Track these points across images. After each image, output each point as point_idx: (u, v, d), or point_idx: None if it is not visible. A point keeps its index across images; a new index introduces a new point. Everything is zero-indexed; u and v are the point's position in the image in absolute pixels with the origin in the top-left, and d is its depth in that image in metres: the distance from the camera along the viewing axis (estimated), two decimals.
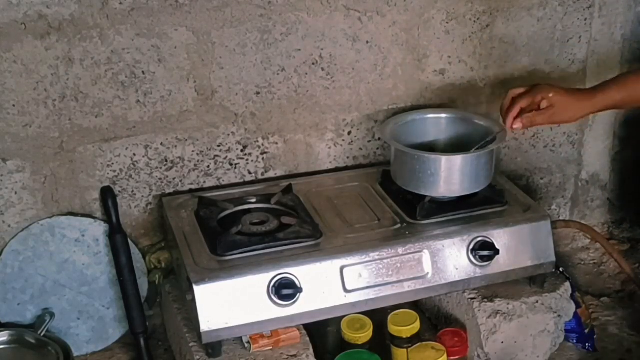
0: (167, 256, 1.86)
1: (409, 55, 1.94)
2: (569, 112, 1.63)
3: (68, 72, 1.69)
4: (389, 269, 1.62)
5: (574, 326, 1.89)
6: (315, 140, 1.94)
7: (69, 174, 1.77)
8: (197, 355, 1.58)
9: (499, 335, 1.70)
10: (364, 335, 1.67)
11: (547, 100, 1.62)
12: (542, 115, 1.63)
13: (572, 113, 1.63)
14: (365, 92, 1.93)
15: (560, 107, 1.62)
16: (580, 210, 2.32)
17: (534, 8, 1.99)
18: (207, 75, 1.79)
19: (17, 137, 1.71)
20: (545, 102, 1.62)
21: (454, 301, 1.79)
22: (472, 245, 1.67)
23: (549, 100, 1.62)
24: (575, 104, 1.62)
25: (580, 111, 1.64)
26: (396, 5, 1.87)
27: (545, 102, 1.62)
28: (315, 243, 1.63)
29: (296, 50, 1.83)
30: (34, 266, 1.78)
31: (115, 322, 1.86)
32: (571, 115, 1.64)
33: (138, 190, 1.84)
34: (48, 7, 1.62)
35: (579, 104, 1.62)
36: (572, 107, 1.63)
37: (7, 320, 1.79)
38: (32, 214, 1.77)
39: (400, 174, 1.75)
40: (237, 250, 1.59)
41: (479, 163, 1.70)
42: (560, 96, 1.62)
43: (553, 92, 1.62)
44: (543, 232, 1.73)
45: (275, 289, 1.54)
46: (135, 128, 1.78)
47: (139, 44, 1.71)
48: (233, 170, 1.90)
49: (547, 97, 1.62)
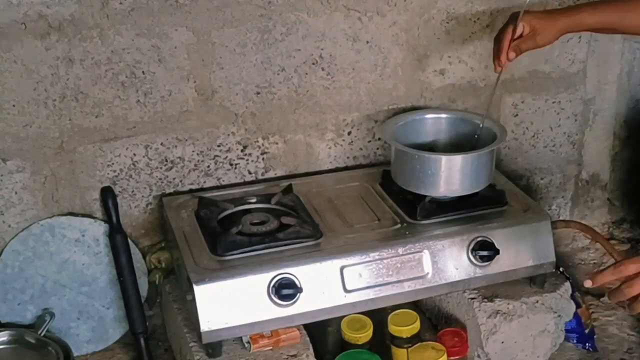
0: (167, 256, 1.86)
1: (409, 55, 1.94)
2: (549, 34, 1.67)
3: (68, 72, 1.69)
4: (389, 269, 1.62)
5: (574, 326, 1.89)
6: (315, 140, 1.94)
7: (69, 174, 1.77)
8: (197, 355, 1.58)
9: (499, 335, 1.70)
10: (364, 335, 1.67)
11: (529, 26, 1.66)
12: (527, 41, 1.67)
13: (551, 34, 1.67)
14: (365, 92, 1.94)
15: (542, 31, 1.66)
16: (580, 210, 2.32)
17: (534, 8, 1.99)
18: (207, 75, 1.79)
19: (17, 137, 1.71)
20: (527, 28, 1.67)
21: (454, 301, 1.79)
22: (472, 245, 1.67)
23: (530, 25, 1.66)
24: (553, 25, 1.66)
25: (557, 31, 1.67)
26: (396, 5, 1.87)
27: (527, 28, 1.67)
28: (315, 243, 1.63)
29: (296, 50, 1.83)
30: (34, 266, 1.78)
31: (115, 322, 1.86)
32: (551, 35, 1.68)
33: (138, 190, 1.84)
34: (48, 7, 1.62)
35: (557, 24, 1.66)
36: (551, 29, 1.67)
37: (7, 320, 1.79)
38: (32, 214, 1.77)
39: (400, 173, 1.75)
40: (237, 250, 1.59)
41: (479, 163, 1.70)
42: (539, 21, 1.67)
43: (532, 18, 1.67)
44: (543, 232, 1.73)
45: (275, 289, 1.54)
46: (135, 128, 1.78)
47: (139, 44, 1.71)
48: (233, 170, 1.90)
49: (529, 23, 1.66)
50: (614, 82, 2.18)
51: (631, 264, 1.32)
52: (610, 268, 1.34)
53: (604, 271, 1.34)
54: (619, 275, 1.33)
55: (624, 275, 1.33)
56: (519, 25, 1.65)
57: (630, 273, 1.32)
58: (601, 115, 2.21)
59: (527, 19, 1.66)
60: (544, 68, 2.08)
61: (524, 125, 2.13)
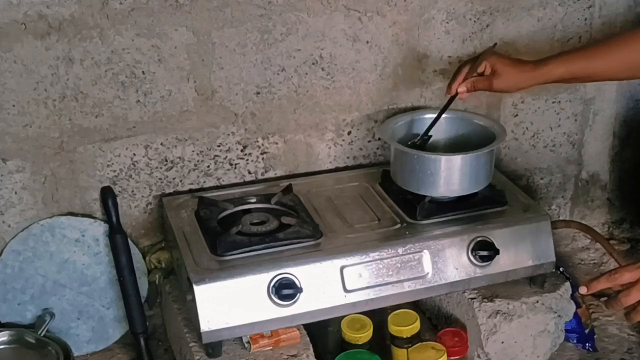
0: (167, 256, 1.86)
1: (409, 55, 1.94)
2: (510, 81, 1.67)
3: (68, 72, 1.69)
4: (389, 269, 1.62)
5: (574, 326, 1.89)
6: (315, 140, 1.94)
7: (69, 174, 1.77)
8: (197, 355, 1.58)
9: (499, 335, 1.70)
10: (364, 335, 1.67)
11: (491, 67, 1.67)
12: (484, 81, 1.68)
13: (512, 82, 1.68)
14: (365, 92, 1.94)
15: (502, 75, 1.67)
16: (580, 210, 2.32)
17: (534, 8, 1.99)
18: (207, 75, 1.79)
19: (17, 137, 1.71)
20: (488, 69, 1.68)
21: (454, 301, 1.79)
22: (472, 245, 1.67)
23: (493, 67, 1.67)
24: (517, 75, 1.67)
25: (520, 82, 1.68)
26: (396, 5, 1.87)
27: (488, 68, 1.68)
28: (315, 243, 1.63)
29: (296, 50, 1.83)
30: (34, 266, 1.78)
31: (115, 322, 1.86)
32: (511, 84, 1.68)
33: (138, 190, 1.84)
34: (48, 7, 1.62)
35: (521, 74, 1.66)
36: (513, 77, 1.67)
37: (7, 320, 1.79)
38: (32, 214, 1.77)
39: (399, 174, 1.75)
40: (237, 250, 1.59)
41: (479, 163, 1.70)
42: (503, 65, 1.67)
43: (496, 60, 1.68)
44: (543, 232, 1.73)
45: (275, 289, 1.54)
46: (135, 128, 1.78)
47: (139, 44, 1.71)
48: (233, 170, 1.90)
49: (492, 64, 1.67)
50: (614, 82, 2.18)
51: (626, 272, 1.33)
52: (605, 275, 1.34)
53: (599, 278, 1.35)
54: (613, 283, 1.34)
55: (619, 283, 1.33)
56: (481, 64, 1.67)
57: (625, 281, 1.32)
58: (601, 115, 2.21)
59: (492, 60, 1.68)
60: None
61: (524, 125, 2.13)
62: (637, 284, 1.31)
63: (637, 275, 1.31)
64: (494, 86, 1.68)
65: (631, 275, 1.32)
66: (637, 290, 1.30)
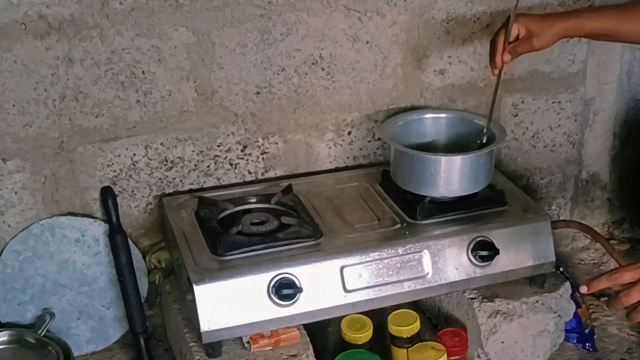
0: (167, 256, 1.86)
1: (409, 55, 1.94)
2: (546, 37, 1.66)
3: (68, 72, 1.69)
4: (389, 269, 1.62)
5: (574, 326, 1.89)
6: (315, 140, 1.94)
7: (69, 174, 1.77)
8: (197, 355, 1.58)
9: (499, 335, 1.70)
10: (364, 335, 1.67)
11: (525, 29, 1.66)
12: (523, 44, 1.66)
13: (549, 38, 1.67)
14: (365, 92, 1.94)
15: (538, 34, 1.65)
16: (580, 210, 2.32)
17: (534, 8, 1.99)
18: (207, 75, 1.79)
19: (17, 137, 1.71)
20: (523, 31, 1.66)
21: (454, 301, 1.79)
22: (472, 245, 1.67)
23: (527, 28, 1.66)
24: (551, 29, 1.66)
25: (555, 35, 1.67)
26: (396, 5, 1.87)
27: (523, 30, 1.66)
28: (315, 243, 1.63)
29: (296, 50, 1.83)
30: (34, 266, 1.78)
31: (115, 322, 1.86)
32: (548, 39, 1.67)
33: (138, 190, 1.84)
34: (48, 7, 1.62)
35: (554, 27, 1.66)
36: (548, 33, 1.66)
37: (7, 320, 1.79)
38: (32, 214, 1.77)
39: (399, 174, 1.75)
40: (237, 250, 1.59)
41: (479, 163, 1.70)
42: (536, 23, 1.66)
43: (527, 20, 1.66)
44: (543, 232, 1.73)
45: (275, 289, 1.54)
46: (135, 128, 1.78)
47: (139, 44, 1.71)
48: (233, 170, 1.90)
49: (525, 25, 1.66)
50: (614, 82, 2.18)
51: (627, 272, 1.33)
52: (605, 275, 1.35)
53: (600, 278, 1.35)
54: (613, 283, 1.34)
55: (619, 282, 1.33)
56: (514, 28, 1.65)
57: (626, 281, 1.33)
58: (601, 115, 2.21)
59: (523, 22, 1.66)
60: (544, 68, 2.08)
61: (524, 125, 2.13)
62: (638, 284, 1.31)
63: (637, 275, 1.32)
64: (534, 46, 1.66)
65: (631, 275, 1.32)
66: (637, 290, 1.31)
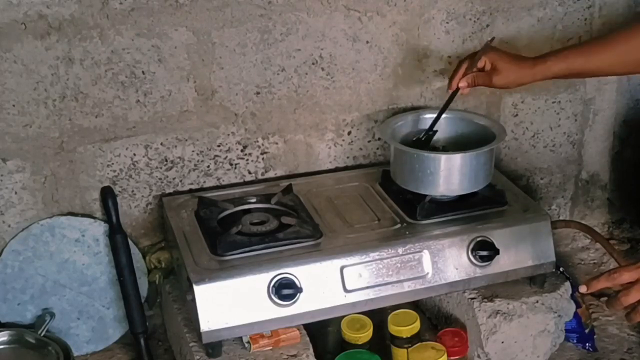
0: (167, 256, 1.86)
1: (409, 55, 1.94)
2: (509, 77, 1.68)
3: (68, 72, 1.69)
4: (389, 269, 1.62)
5: (574, 326, 1.89)
6: (315, 140, 1.94)
7: (69, 174, 1.77)
8: (197, 355, 1.58)
9: (499, 335, 1.70)
10: (364, 335, 1.67)
11: (491, 63, 1.68)
12: (484, 77, 1.69)
13: (512, 79, 1.68)
14: (365, 92, 1.94)
15: (502, 72, 1.67)
16: (580, 210, 2.32)
17: (534, 8, 1.99)
18: (207, 75, 1.79)
19: (17, 137, 1.71)
20: (488, 65, 1.69)
21: (454, 301, 1.79)
22: (472, 245, 1.67)
23: (493, 63, 1.68)
24: (516, 71, 1.67)
25: (520, 79, 1.68)
26: (396, 5, 1.87)
27: (488, 64, 1.68)
28: (315, 243, 1.63)
29: (296, 50, 1.83)
30: (34, 266, 1.78)
31: (115, 322, 1.86)
32: (511, 80, 1.69)
33: (138, 190, 1.84)
34: (48, 7, 1.62)
35: (520, 71, 1.67)
36: (513, 73, 1.67)
37: (7, 320, 1.79)
38: (32, 214, 1.78)
39: (399, 173, 1.75)
40: (237, 250, 1.59)
41: (478, 162, 1.70)
42: (502, 61, 1.68)
43: (496, 56, 1.69)
44: (543, 232, 1.73)
45: (275, 289, 1.54)
46: (135, 128, 1.78)
47: (139, 44, 1.71)
48: (233, 170, 1.90)
49: (491, 60, 1.68)
50: (614, 82, 2.18)
51: (626, 271, 1.33)
52: (605, 275, 1.35)
53: (599, 277, 1.35)
54: (613, 282, 1.34)
55: (618, 282, 1.33)
56: (481, 60, 1.68)
57: (625, 281, 1.33)
58: (601, 115, 2.21)
59: (492, 56, 1.68)
60: None
61: (524, 125, 2.13)
62: (637, 283, 1.31)
63: (637, 275, 1.32)
64: (493, 82, 1.69)
65: (631, 275, 1.32)
66: (636, 290, 1.31)
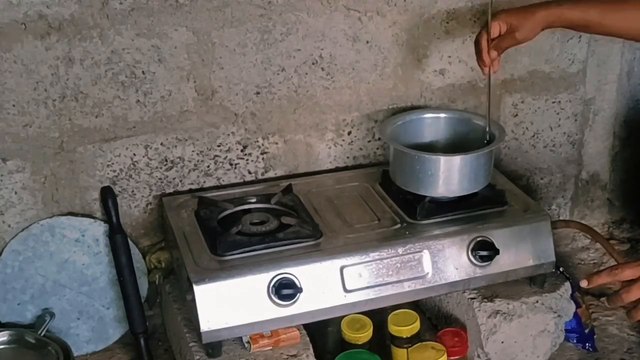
0: (167, 256, 1.86)
1: (409, 55, 1.94)
2: (528, 27, 1.65)
3: (68, 72, 1.69)
4: (389, 269, 1.62)
5: (574, 326, 1.89)
6: (315, 140, 1.94)
7: (69, 174, 1.77)
8: (197, 355, 1.58)
9: (499, 335, 1.70)
10: (364, 335, 1.67)
11: (506, 24, 1.66)
12: (507, 38, 1.66)
13: (531, 29, 1.66)
14: (365, 92, 1.94)
15: (519, 27, 1.65)
16: (580, 210, 2.32)
17: None
18: (207, 75, 1.79)
19: (17, 137, 1.71)
20: (504, 27, 1.66)
21: (454, 301, 1.79)
22: (472, 245, 1.67)
23: (508, 23, 1.66)
24: (531, 18, 1.65)
25: (537, 25, 1.66)
26: (396, 5, 1.87)
27: (504, 26, 1.66)
28: (315, 243, 1.63)
29: (296, 50, 1.83)
30: (34, 266, 1.78)
31: (115, 322, 1.86)
32: (530, 29, 1.66)
33: (138, 190, 1.84)
34: (48, 7, 1.62)
35: (534, 17, 1.65)
36: (530, 24, 1.65)
37: (7, 320, 1.79)
38: (32, 214, 1.78)
39: (399, 174, 1.75)
40: (237, 250, 1.59)
41: (478, 163, 1.70)
42: (516, 17, 1.66)
43: (507, 16, 1.66)
44: (543, 232, 1.73)
45: (275, 289, 1.54)
46: (135, 128, 1.78)
47: (139, 44, 1.71)
48: (233, 170, 1.90)
49: (505, 21, 1.66)
50: (614, 82, 2.18)
51: (628, 268, 1.32)
52: (606, 270, 1.34)
53: (601, 273, 1.35)
54: (614, 278, 1.34)
55: (620, 278, 1.33)
56: (494, 25, 1.66)
57: (627, 277, 1.32)
58: (601, 115, 2.21)
59: (503, 17, 1.66)
60: (544, 68, 2.08)
61: (524, 125, 2.13)
62: (638, 281, 1.31)
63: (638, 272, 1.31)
64: (518, 39, 1.66)
65: (632, 271, 1.32)
66: (638, 287, 1.30)
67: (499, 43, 1.66)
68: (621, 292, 1.32)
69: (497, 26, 1.66)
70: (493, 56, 1.67)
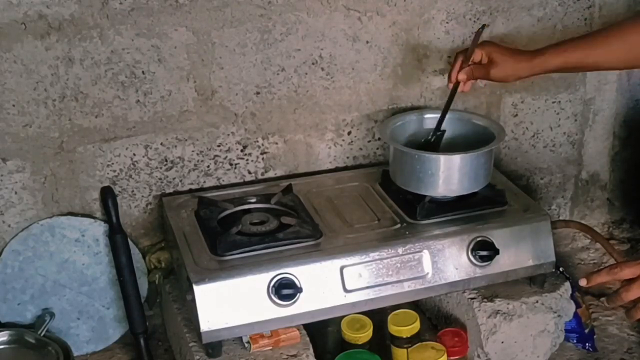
0: (167, 256, 1.86)
1: (409, 55, 1.94)
2: (507, 70, 1.67)
3: (68, 72, 1.69)
4: (389, 269, 1.62)
5: (574, 326, 1.89)
6: (315, 140, 1.94)
7: (69, 174, 1.77)
8: (197, 355, 1.58)
9: (499, 335, 1.70)
10: (364, 335, 1.67)
11: (487, 56, 1.68)
12: (481, 70, 1.68)
13: (509, 72, 1.68)
14: (365, 92, 1.94)
15: (499, 64, 1.67)
16: (580, 210, 2.32)
17: (534, 8, 2.00)
18: (207, 75, 1.79)
19: (17, 137, 1.71)
20: (485, 57, 1.68)
21: (454, 301, 1.79)
22: (472, 245, 1.67)
23: (489, 55, 1.68)
24: (513, 64, 1.67)
25: (517, 72, 1.68)
26: (396, 5, 1.87)
27: (485, 57, 1.68)
28: (315, 243, 1.63)
29: (296, 50, 1.83)
30: (34, 266, 1.78)
31: (115, 322, 1.86)
32: (509, 74, 1.68)
33: (138, 190, 1.84)
34: (48, 7, 1.62)
35: (518, 64, 1.67)
36: (510, 66, 1.67)
37: (7, 320, 1.79)
38: (32, 214, 1.78)
39: (399, 173, 1.75)
40: (237, 250, 1.59)
41: (478, 162, 1.70)
42: (500, 54, 1.68)
43: (493, 49, 1.68)
44: (543, 232, 1.73)
45: (275, 289, 1.54)
46: (135, 128, 1.78)
47: (139, 44, 1.71)
48: (233, 170, 1.90)
49: (488, 52, 1.68)
50: (614, 82, 2.18)
51: (627, 267, 1.33)
52: (606, 269, 1.35)
53: (600, 271, 1.35)
54: (613, 277, 1.34)
55: (619, 277, 1.33)
56: (477, 52, 1.68)
57: (626, 277, 1.33)
58: (601, 115, 2.21)
59: (487, 49, 1.68)
60: None
61: (524, 125, 2.13)
62: (638, 280, 1.31)
63: (638, 271, 1.31)
64: (491, 75, 1.68)
65: (632, 270, 1.32)
66: (637, 287, 1.30)
67: (474, 69, 1.68)
68: (621, 291, 1.32)
69: (480, 54, 1.69)
70: (461, 78, 1.68)
